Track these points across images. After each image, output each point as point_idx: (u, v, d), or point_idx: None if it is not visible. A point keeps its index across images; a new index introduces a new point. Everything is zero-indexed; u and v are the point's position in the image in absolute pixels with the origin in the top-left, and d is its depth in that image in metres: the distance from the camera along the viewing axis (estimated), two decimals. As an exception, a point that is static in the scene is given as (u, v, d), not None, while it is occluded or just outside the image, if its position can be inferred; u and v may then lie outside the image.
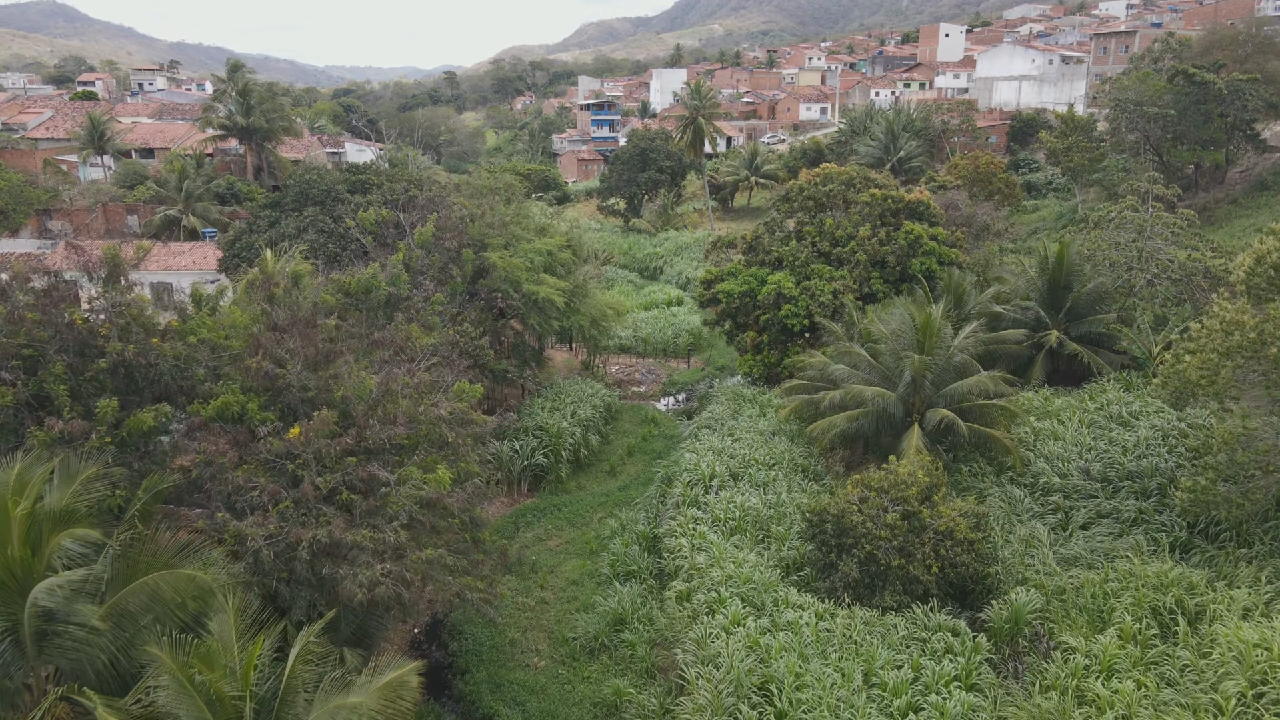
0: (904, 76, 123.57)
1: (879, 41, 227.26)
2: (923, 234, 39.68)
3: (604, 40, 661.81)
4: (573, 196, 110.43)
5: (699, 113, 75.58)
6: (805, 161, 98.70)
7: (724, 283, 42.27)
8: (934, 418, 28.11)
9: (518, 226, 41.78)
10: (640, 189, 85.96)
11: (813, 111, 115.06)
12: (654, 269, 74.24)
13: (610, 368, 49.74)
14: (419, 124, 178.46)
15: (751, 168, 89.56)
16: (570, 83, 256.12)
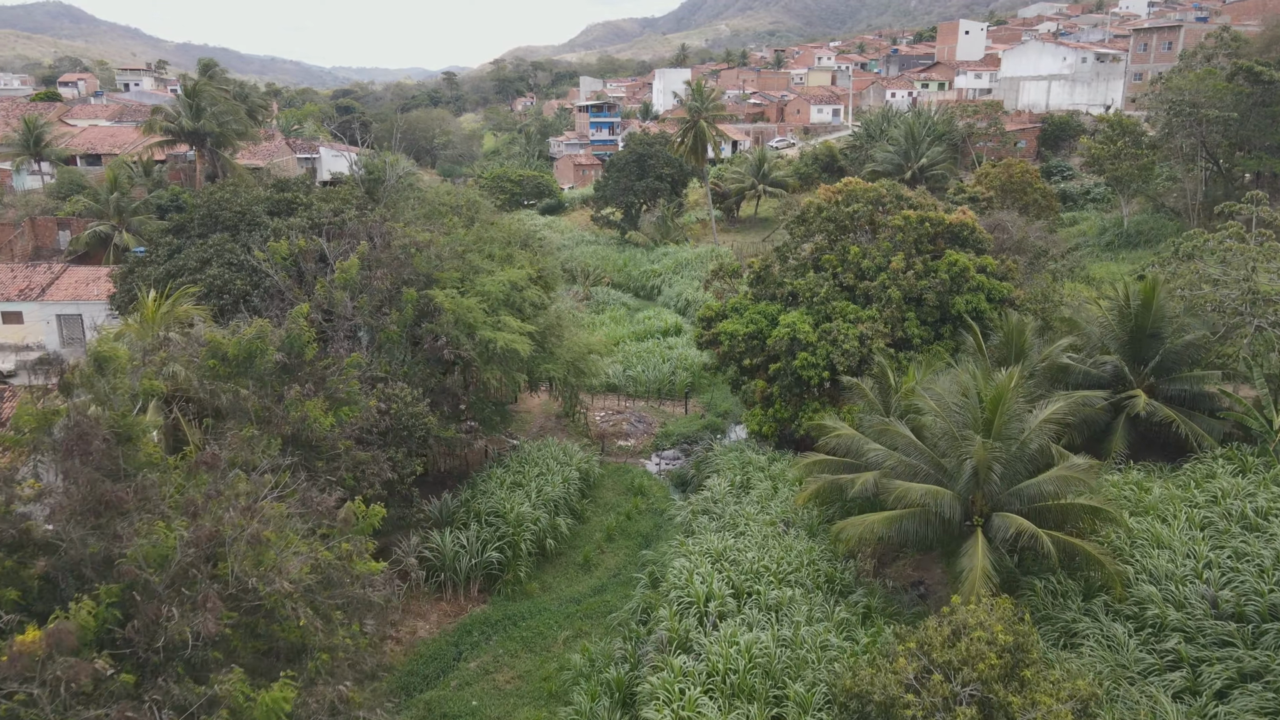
0: (922, 76, 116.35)
1: (890, 41, 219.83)
2: (968, 265, 32.56)
3: (610, 41, 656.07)
4: (568, 204, 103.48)
5: (701, 115, 68.61)
6: (817, 167, 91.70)
7: (727, 321, 35.21)
8: (1004, 526, 21.01)
9: (478, 255, 34.76)
10: (637, 198, 78.92)
11: (824, 114, 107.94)
12: (651, 289, 67.19)
13: (595, 414, 42.69)
14: (413, 126, 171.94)
15: (759, 175, 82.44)
16: (573, 83, 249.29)
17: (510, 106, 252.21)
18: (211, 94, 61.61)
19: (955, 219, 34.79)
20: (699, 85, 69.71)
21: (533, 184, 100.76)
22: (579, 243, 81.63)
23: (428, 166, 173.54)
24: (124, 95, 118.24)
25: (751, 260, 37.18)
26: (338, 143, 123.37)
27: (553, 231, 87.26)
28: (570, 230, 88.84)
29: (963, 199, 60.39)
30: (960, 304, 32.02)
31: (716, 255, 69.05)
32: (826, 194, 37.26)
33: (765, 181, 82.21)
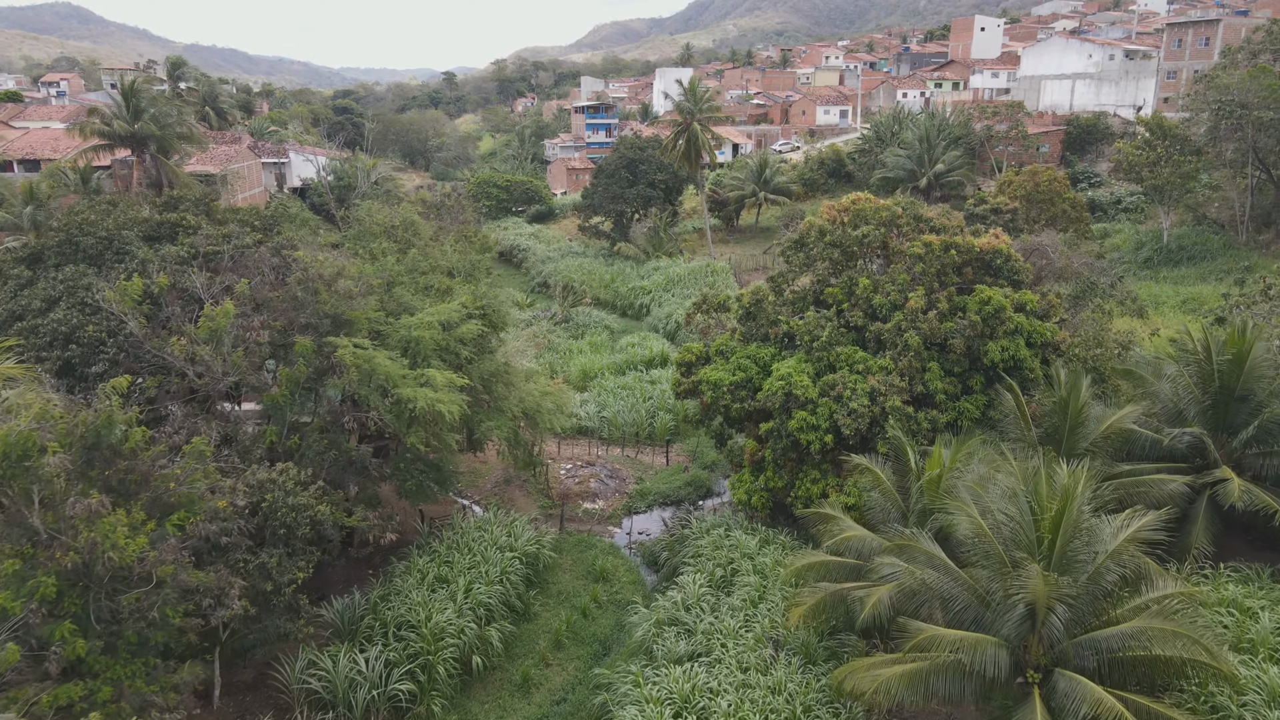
0: (935, 75, 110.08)
1: (900, 40, 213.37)
2: (1004, 303, 26.48)
3: (617, 41, 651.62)
4: (559, 211, 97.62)
5: (694, 117, 62.60)
6: (823, 173, 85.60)
7: (710, 367, 29.22)
8: (1074, 694, 15.00)
9: (410, 288, 28.85)
10: (628, 207, 72.96)
11: (831, 115, 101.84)
12: (639, 308, 61.22)
13: (560, 466, 36.73)
14: (406, 128, 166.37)
15: (760, 181, 76.39)
16: (575, 84, 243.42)
17: (510, 107, 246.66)
18: (151, 94, 55.82)
19: (986, 244, 28.73)
20: (693, 84, 63.71)
21: (521, 189, 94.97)
22: (565, 254, 75.72)
23: (421, 169, 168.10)
24: (91, 95, 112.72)
25: (742, 293, 31.14)
26: (320, 146, 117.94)
27: (538, 242, 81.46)
28: (558, 240, 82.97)
29: (984, 210, 54.31)
30: (995, 352, 25.97)
31: (711, 270, 63.09)
32: (830, 213, 31.26)
33: (767, 188, 76.18)
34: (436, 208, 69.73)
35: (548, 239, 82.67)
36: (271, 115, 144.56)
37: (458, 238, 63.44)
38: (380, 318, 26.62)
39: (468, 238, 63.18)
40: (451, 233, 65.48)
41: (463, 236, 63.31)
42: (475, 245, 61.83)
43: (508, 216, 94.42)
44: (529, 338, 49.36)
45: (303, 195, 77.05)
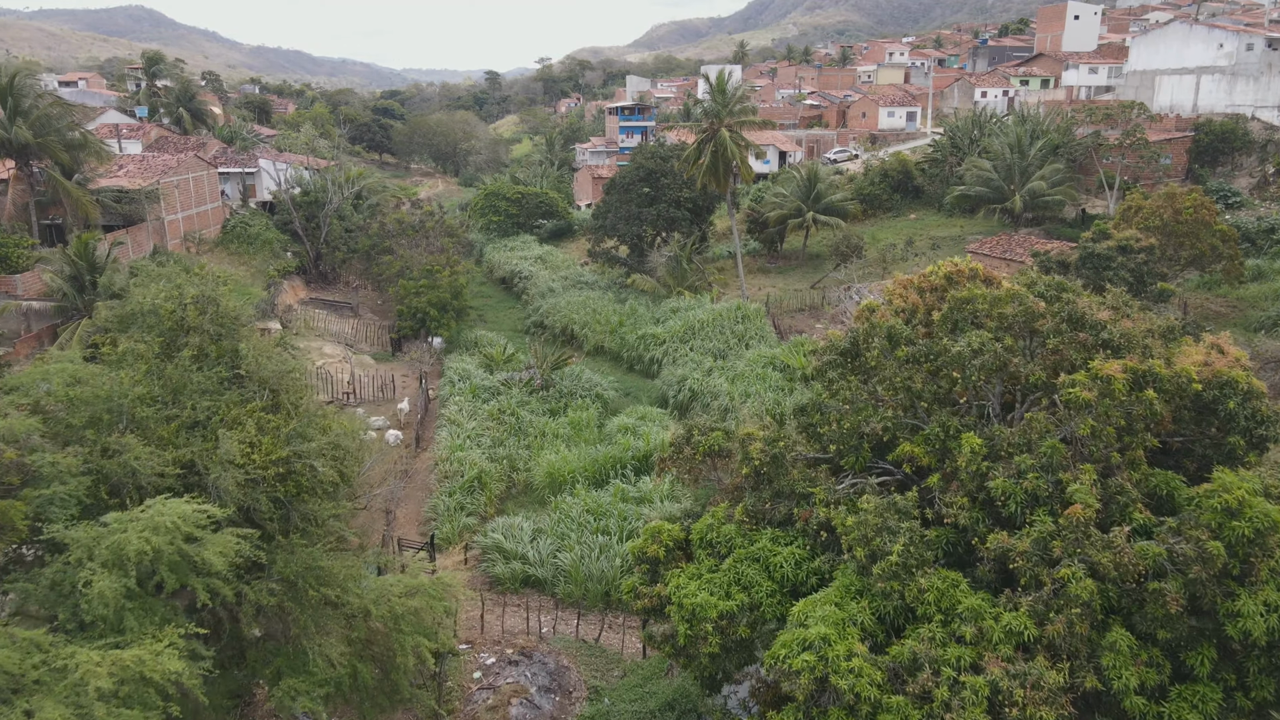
0: (1020, 71, 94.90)
1: (972, 35, 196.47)
2: (1268, 510, 13.06)
3: (675, 41, 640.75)
4: (579, 227, 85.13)
5: (723, 122, 49.32)
6: (886, 187, 71.64)
7: (683, 576, 16.34)
8: None
9: (155, 425, 16.47)
10: (647, 229, 60.14)
11: (896, 117, 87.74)
12: (649, 362, 48.44)
13: (476, 657, 24.09)
14: (434, 131, 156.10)
15: (809, 198, 62.93)
16: (623, 83, 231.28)
17: (553, 108, 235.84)
18: (37, 93, 44.79)
19: (1206, 371, 15.30)
20: (720, 80, 50.19)
21: (535, 202, 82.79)
22: (572, 284, 63.16)
23: (450, 175, 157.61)
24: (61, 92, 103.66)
25: (750, 433, 18.10)
26: (341, 152, 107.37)
27: (544, 267, 69.07)
28: (568, 265, 70.45)
29: (1108, 248, 40.35)
30: (1252, 616, 12.60)
31: (743, 316, 49.88)
32: (907, 294, 18.18)
33: (817, 207, 62.66)
34: (413, 230, 57.93)
35: (556, 263, 70.25)
36: (288, 117, 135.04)
37: (424, 270, 51.36)
38: (72, 498, 14.30)
39: (432, 272, 51.10)
40: (420, 264, 53.58)
41: (427, 271, 51.22)
42: (444, 282, 49.71)
43: (520, 234, 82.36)
44: (519, 385, 36.72)
45: (273, 210, 65.82)
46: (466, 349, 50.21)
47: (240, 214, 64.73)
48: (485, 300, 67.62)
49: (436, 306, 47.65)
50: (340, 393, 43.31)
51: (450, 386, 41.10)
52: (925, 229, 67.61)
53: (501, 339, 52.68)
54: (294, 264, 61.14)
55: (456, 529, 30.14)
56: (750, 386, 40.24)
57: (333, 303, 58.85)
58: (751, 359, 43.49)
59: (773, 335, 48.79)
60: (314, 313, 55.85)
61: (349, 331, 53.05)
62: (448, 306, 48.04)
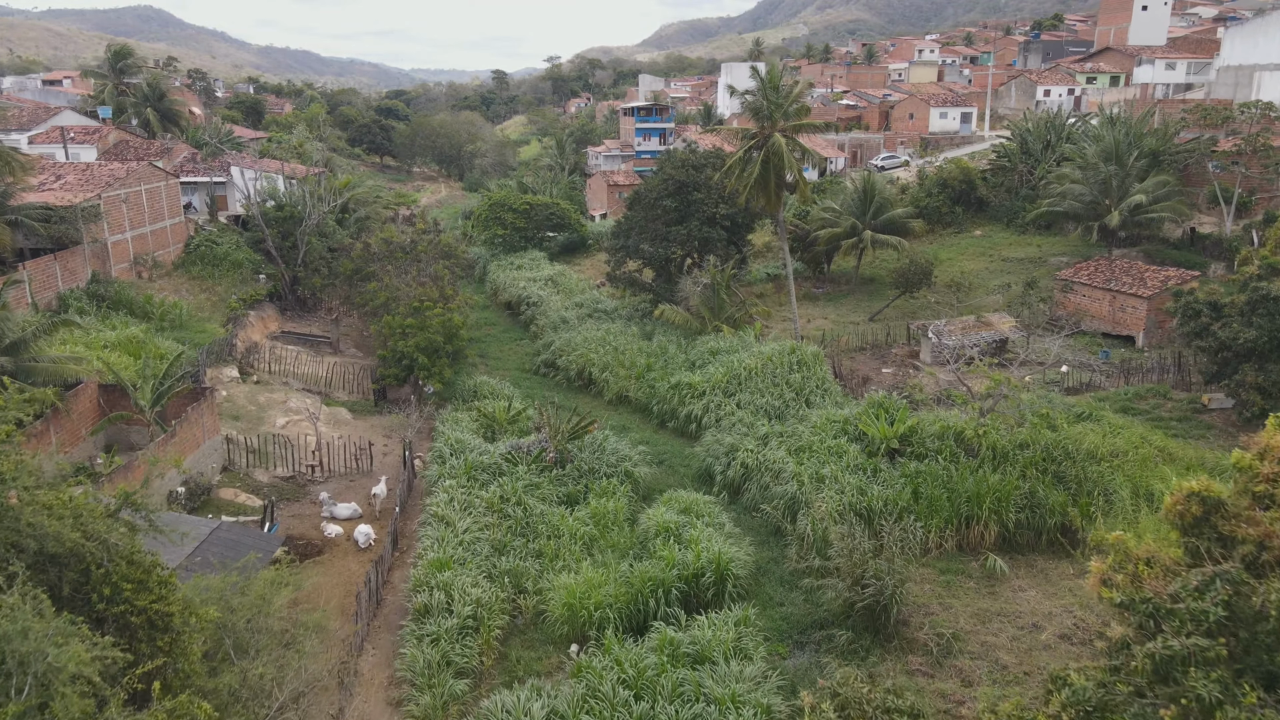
0: (1087, 68, 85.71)
1: (1004, 32, 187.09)
2: None
3: (684, 41, 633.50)
4: (593, 241, 76.42)
5: (775, 124, 40.01)
6: (945, 199, 62.67)
7: None
8: None
9: None
10: (677, 249, 51.32)
11: (949, 119, 78.69)
12: (686, 419, 39.64)
13: None
14: (437, 133, 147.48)
15: (865, 214, 54.02)
16: (634, 83, 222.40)
17: (562, 109, 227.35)
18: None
19: None
20: (773, 73, 40.63)
21: (545, 213, 74.02)
22: (589, 313, 54.35)
23: (454, 178, 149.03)
24: (23, 94, 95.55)
25: None
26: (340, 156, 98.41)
27: (556, 291, 60.30)
28: (584, 288, 61.64)
29: (1256, 297, 31.44)
30: None
31: (799, 361, 40.95)
32: None
33: (875, 224, 53.71)
34: (403, 252, 49.19)
35: (570, 286, 61.44)
36: (281, 118, 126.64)
37: (412, 306, 42.45)
38: None
39: (420, 309, 42.17)
40: (409, 295, 44.67)
41: (415, 308, 42.29)
42: (435, 323, 40.80)
43: (528, 249, 73.67)
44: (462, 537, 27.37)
45: (247, 225, 57.16)
46: (464, 400, 41.41)
47: (207, 230, 56.16)
48: (488, 330, 58.95)
49: (426, 351, 38.86)
50: (303, 464, 34.59)
51: (440, 464, 32.22)
52: (995, 248, 58.64)
53: (505, 386, 43.88)
54: (264, 290, 52.50)
55: (439, 701, 21.35)
56: (822, 465, 31.36)
57: (309, 337, 50.15)
58: (818, 424, 34.57)
59: (836, 387, 39.87)
60: (285, 351, 47.18)
61: (325, 374, 44.32)
62: (440, 351, 39.26)
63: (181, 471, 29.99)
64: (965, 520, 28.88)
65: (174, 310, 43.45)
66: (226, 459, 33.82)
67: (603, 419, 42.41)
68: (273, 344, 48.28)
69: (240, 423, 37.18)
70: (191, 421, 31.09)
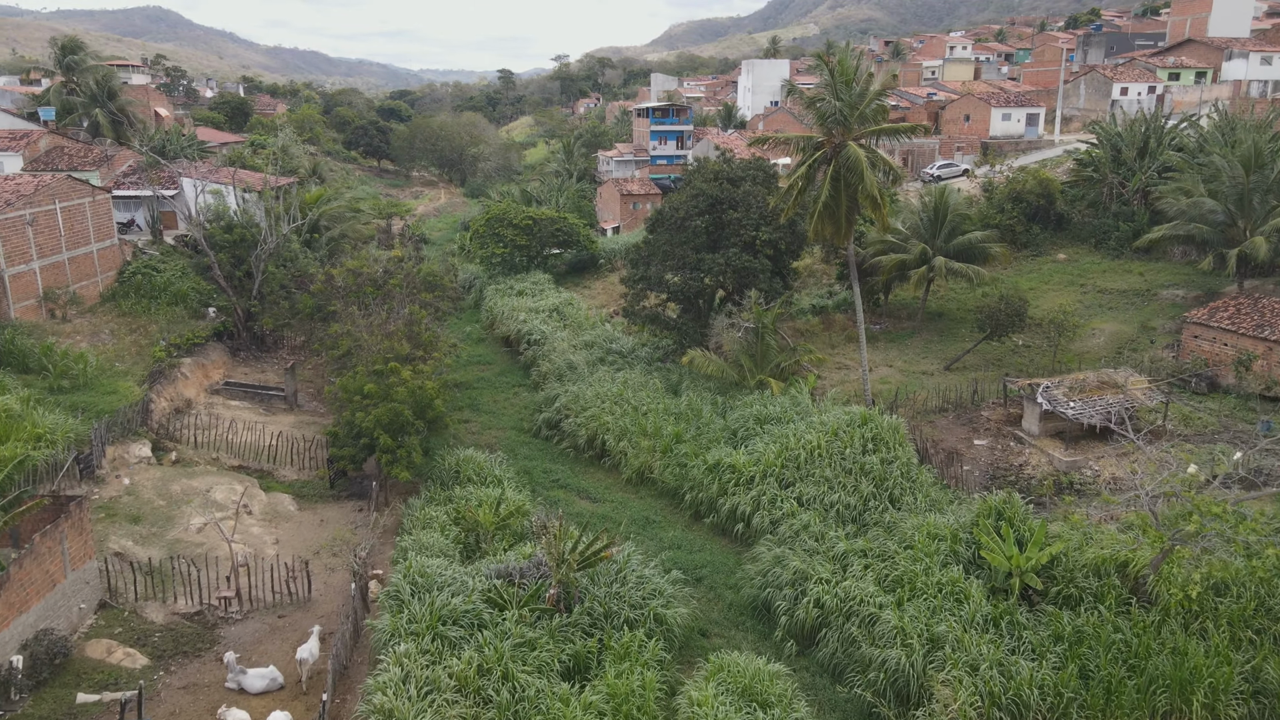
0: (1169, 62, 76.01)
1: (1038, 28, 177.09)
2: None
3: (695, 40, 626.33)
4: (605, 260, 67.18)
5: (849, 132, 30.23)
6: (1019, 214, 53.38)
7: None
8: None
9: None
10: (709, 280, 42.00)
11: (1013, 121, 69.03)
12: (729, 516, 30.32)
13: None
14: (436, 135, 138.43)
15: (937, 238, 44.69)
16: (646, 82, 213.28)
17: (571, 109, 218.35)
18: None
19: None
20: (844, 66, 30.51)
21: (550, 229, 64.74)
22: (602, 356, 45.08)
23: (456, 184, 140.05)
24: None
25: None
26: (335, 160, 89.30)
27: (561, 324, 51.11)
28: (595, 320, 52.33)
29: None
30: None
31: (872, 435, 31.47)
32: None
33: (948, 248, 44.32)
34: (373, 286, 40.04)
35: (579, 319, 52.16)
36: (266, 120, 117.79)
37: (374, 368, 33.05)
38: None
39: (383, 372, 32.67)
40: (375, 348, 35.20)
41: (378, 366, 32.81)
42: (401, 394, 31.35)
43: (531, 271, 64.54)
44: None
45: (198, 247, 47.95)
46: (442, 484, 32.09)
47: (148, 255, 47.15)
48: (482, 370, 49.77)
49: (390, 428, 29.59)
50: (216, 594, 25.40)
51: (394, 613, 22.85)
52: (1085, 276, 49.16)
53: (496, 461, 34.56)
54: (208, 330, 43.40)
55: None
56: (934, 614, 22.04)
57: (259, 389, 40.99)
58: (920, 542, 25.17)
59: (925, 476, 30.45)
60: (225, 409, 38.08)
61: (269, 445, 35.10)
62: (407, 427, 29.99)
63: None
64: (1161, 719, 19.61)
65: (77, 365, 34.31)
66: (107, 591, 24.69)
67: (620, 506, 33.18)
68: (212, 400, 39.18)
69: (141, 526, 28.08)
70: (43, 553, 21.93)
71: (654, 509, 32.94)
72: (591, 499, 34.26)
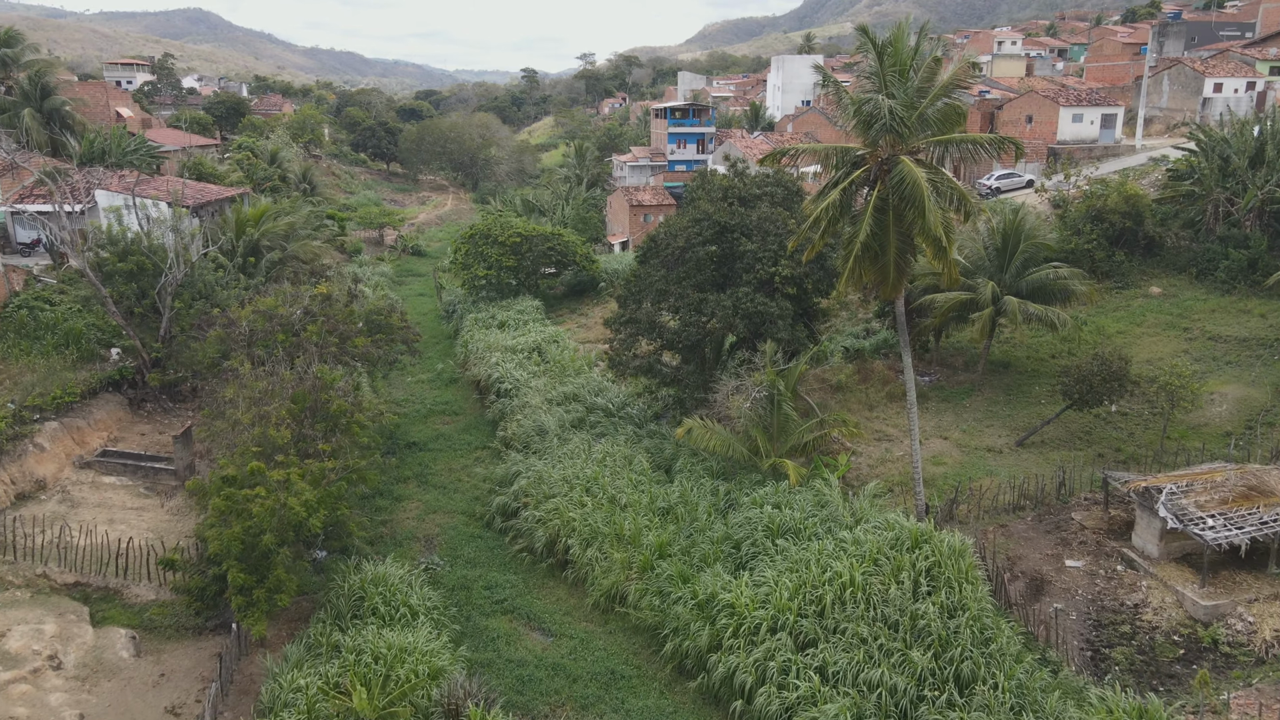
0: (1272, 55, 65.61)
1: (1094, 22, 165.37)
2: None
3: (729, 40, 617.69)
4: (606, 283, 58.28)
5: (901, 143, 20.65)
6: (1099, 236, 43.89)
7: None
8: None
9: None
10: (714, 323, 32.93)
11: (1086, 123, 59.02)
12: (721, 681, 21.37)
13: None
14: (445, 136, 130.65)
15: (1006, 271, 35.31)
16: (673, 82, 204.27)
17: (595, 109, 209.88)
18: None
19: None
20: (899, 48, 21.16)
21: (541, 248, 56.04)
22: (583, 416, 36.22)
23: (466, 189, 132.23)
24: None
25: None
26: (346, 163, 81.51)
27: (542, 372, 42.40)
28: (579, 366, 43.31)
29: None
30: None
31: (925, 571, 22.21)
32: None
33: (1020, 285, 34.89)
34: (287, 333, 31.64)
35: (563, 360, 43.35)
36: (259, 122, 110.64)
37: (222, 476, 24.15)
38: None
39: (235, 480, 23.70)
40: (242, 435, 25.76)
41: (231, 472, 23.91)
42: (259, 507, 22.57)
43: (521, 296, 56.07)
44: None
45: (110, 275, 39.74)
46: (338, 616, 23.51)
47: (41, 286, 39.22)
48: (446, 422, 41.29)
49: (247, 560, 20.92)
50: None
51: None
52: (1190, 317, 39.41)
53: (417, 581, 25.83)
54: (97, 380, 35.28)
55: None
56: None
57: (141, 461, 32.69)
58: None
59: (1010, 641, 21.18)
60: (95, 488, 29.87)
61: (120, 548, 26.71)
62: (270, 558, 21.25)
63: None
64: None
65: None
66: None
67: (580, 647, 24.37)
68: (80, 476, 31.01)
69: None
70: None
71: (624, 654, 24.08)
72: (544, 631, 25.50)
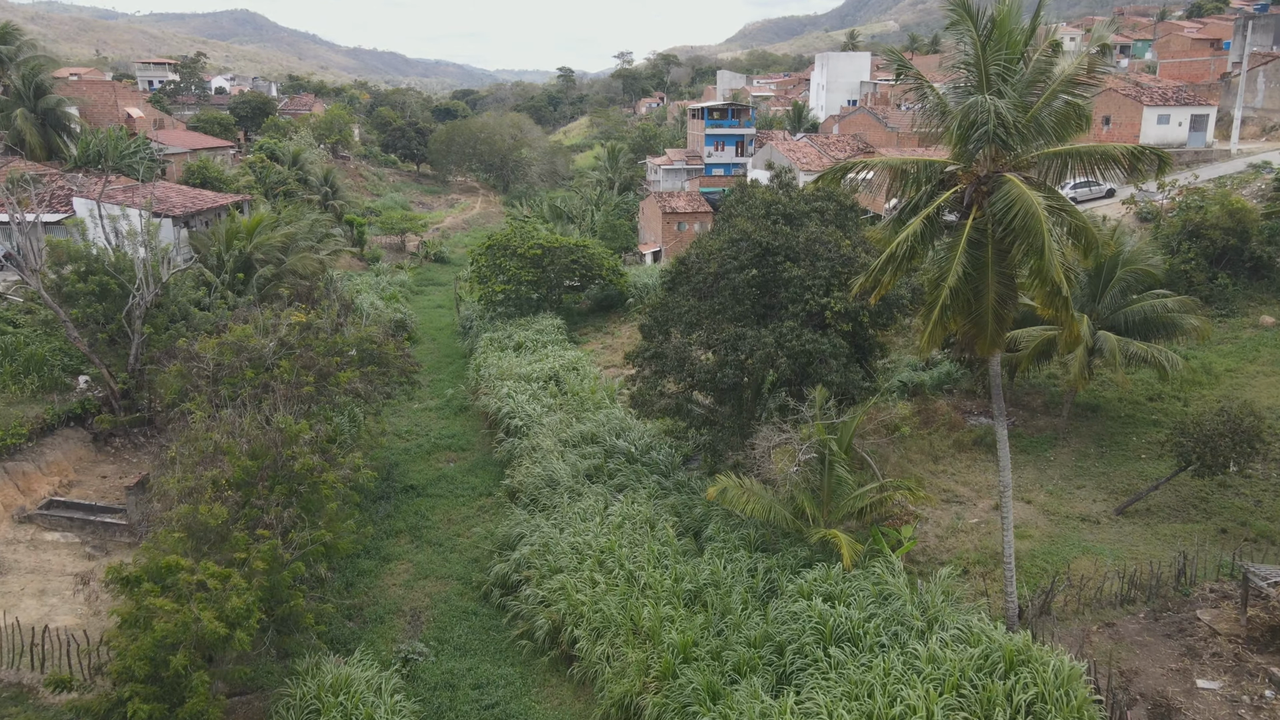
0: (1387, 47, 58.92)
1: (1156, 19, 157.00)
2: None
3: (769, 39, 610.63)
4: (634, 298, 53.43)
5: (1007, 157, 15.71)
6: (1198, 258, 38.19)
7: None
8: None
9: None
10: (754, 361, 27.86)
11: (1174, 125, 52.84)
12: None
13: None
14: (474, 137, 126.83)
15: (1099, 301, 29.89)
16: (712, 81, 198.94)
17: (631, 109, 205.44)
18: None
19: None
20: (1004, 27, 16.97)
21: (565, 260, 51.43)
22: (603, 461, 31.49)
23: (497, 190, 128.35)
24: None
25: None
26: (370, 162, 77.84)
27: (559, 406, 37.67)
28: (600, 398, 38.44)
29: None
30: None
31: (1030, 673, 17.08)
32: None
33: (1118, 320, 29.45)
34: (255, 368, 27.29)
35: (583, 391, 38.56)
36: (283, 122, 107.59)
37: (150, 567, 19.95)
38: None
39: (160, 571, 19.15)
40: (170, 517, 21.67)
41: (135, 571, 19.54)
42: (175, 619, 18.25)
43: (542, 312, 51.57)
44: None
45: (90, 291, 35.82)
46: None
47: (5, 306, 35.45)
48: (448, 461, 36.82)
49: (162, 688, 16.44)
50: None
51: None
52: (1313, 353, 33.56)
53: (387, 684, 21.21)
54: (51, 415, 31.33)
55: None
56: None
57: (94, 515, 28.55)
58: None
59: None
60: (34, 547, 25.81)
61: (49, 628, 22.53)
62: (180, 686, 16.73)
63: None
64: None
65: None
66: None
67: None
68: (19, 531, 26.96)
69: None
70: None
71: (639, 794, 19.26)
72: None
